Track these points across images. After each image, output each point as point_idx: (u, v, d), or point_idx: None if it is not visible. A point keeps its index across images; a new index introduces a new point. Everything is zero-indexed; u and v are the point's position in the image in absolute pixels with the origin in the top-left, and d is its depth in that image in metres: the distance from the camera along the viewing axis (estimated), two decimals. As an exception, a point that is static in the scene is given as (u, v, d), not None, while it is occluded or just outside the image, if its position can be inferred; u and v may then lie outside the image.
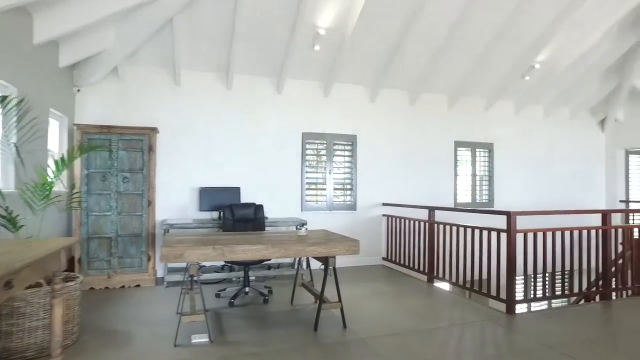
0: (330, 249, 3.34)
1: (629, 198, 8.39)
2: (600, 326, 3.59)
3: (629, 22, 6.08)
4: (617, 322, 3.68)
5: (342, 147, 6.18)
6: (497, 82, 6.66)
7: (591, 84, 7.32)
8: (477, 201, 7.14)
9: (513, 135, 7.42)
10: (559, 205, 7.45)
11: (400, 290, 4.64)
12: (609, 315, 3.88)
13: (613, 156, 8.34)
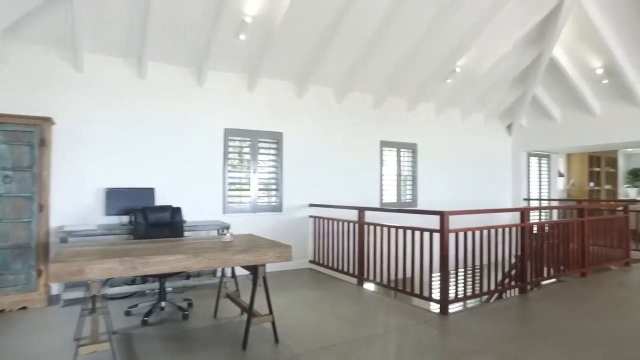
0: (260, 257, 3.02)
1: (530, 196, 9.19)
2: (526, 319, 3.71)
3: (533, 37, 6.56)
4: (539, 313, 3.83)
5: (268, 145, 5.85)
6: (421, 84, 6.81)
7: (501, 91, 7.83)
8: (402, 201, 7.26)
9: (434, 137, 7.68)
10: (475, 204, 7.84)
11: (331, 295, 4.45)
12: (530, 307, 4.05)
13: (518, 158, 9.05)
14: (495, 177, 8.78)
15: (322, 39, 5.23)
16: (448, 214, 3.84)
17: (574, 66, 7.20)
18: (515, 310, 4.01)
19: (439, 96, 7.36)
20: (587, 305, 4.05)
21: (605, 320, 3.56)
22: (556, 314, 3.76)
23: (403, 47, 5.77)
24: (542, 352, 2.86)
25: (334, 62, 5.73)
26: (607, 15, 6.03)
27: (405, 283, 4.24)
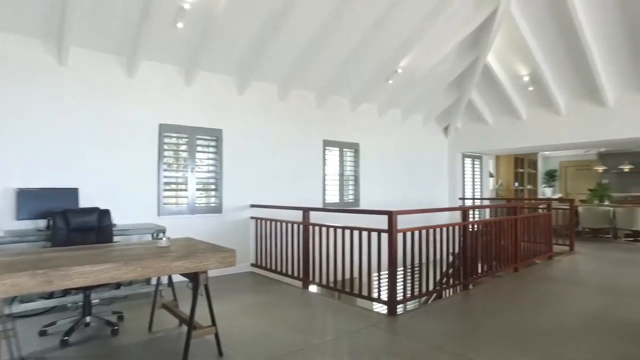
0: (201, 263, 2.76)
1: (465, 195, 9.62)
2: (470, 316, 3.77)
3: (469, 43, 6.83)
4: (481, 310, 3.92)
5: (206, 142, 5.52)
6: (364, 84, 6.83)
7: (439, 94, 8.09)
8: (345, 201, 7.23)
9: (377, 137, 7.76)
10: (415, 203, 8.04)
11: (276, 300, 4.25)
12: (473, 304, 4.14)
13: (453, 159, 9.44)
14: (433, 177, 9.08)
15: (265, 32, 5.01)
16: (396, 213, 3.81)
17: (505, 73, 7.62)
18: (459, 307, 4.08)
19: (382, 96, 7.43)
20: (523, 299, 4.23)
21: (540, 312, 3.72)
22: (497, 309, 3.88)
23: (347, 46, 5.72)
24: (491, 349, 2.89)
25: (277, 58, 5.54)
26: (533, 28, 6.43)
27: (353, 285, 4.17)
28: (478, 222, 5.01)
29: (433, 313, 3.82)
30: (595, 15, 5.87)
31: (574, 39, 6.18)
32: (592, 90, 7.02)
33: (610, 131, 7.15)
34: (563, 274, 5.58)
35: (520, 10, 6.22)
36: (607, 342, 3.03)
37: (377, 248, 3.94)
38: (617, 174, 12.24)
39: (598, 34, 6.10)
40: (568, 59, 6.71)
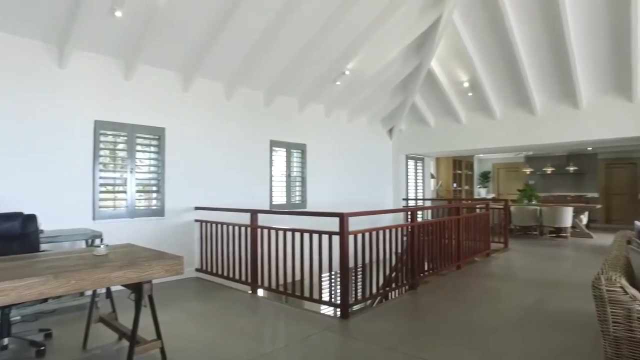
0: (145, 272, 2.53)
1: (408, 196, 9.91)
2: (420, 315, 3.83)
3: (414, 48, 7.03)
4: (430, 308, 4.01)
5: (148, 141, 5.19)
6: (312, 84, 6.79)
7: (385, 96, 8.26)
8: (292, 202, 7.14)
9: (324, 138, 7.75)
10: (362, 204, 8.13)
11: (224, 306, 4.07)
12: (421, 303, 4.23)
13: (397, 161, 9.69)
14: (378, 178, 9.25)
15: (212, 28, 4.80)
16: (348, 215, 3.79)
17: (446, 78, 7.95)
18: (409, 307, 4.15)
19: (329, 97, 7.44)
20: (466, 296, 4.39)
21: (482, 309, 3.87)
22: (443, 307, 3.99)
23: (296, 45, 5.64)
24: (442, 348, 2.94)
25: (224, 55, 5.33)
26: (473, 38, 6.77)
27: (304, 288, 4.09)
28: (425, 222, 5.14)
29: (384, 314, 3.84)
30: (528, 33, 6.32)
31: (509, 52, 6.61)
32: (523, 99, 7.53)
33: (537, 136, 7.70)
34: (500, 270, 5.90)
35: (462, 20, 6.51)
36: (544, 333, 3.21)
37: (329, 250, 3.90)
38: (541, 176, 13.27)
39: (530, 50, 6.58)
40: (504, 69, 7.14)
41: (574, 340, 3.06)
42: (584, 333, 3.20)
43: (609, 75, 6.59)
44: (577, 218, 9.27)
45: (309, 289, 4.02)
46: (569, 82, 6.81)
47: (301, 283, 4.14)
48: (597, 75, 6.64)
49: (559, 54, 6.40)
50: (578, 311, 3.76)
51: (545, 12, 5.92)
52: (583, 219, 9.55)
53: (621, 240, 2.95)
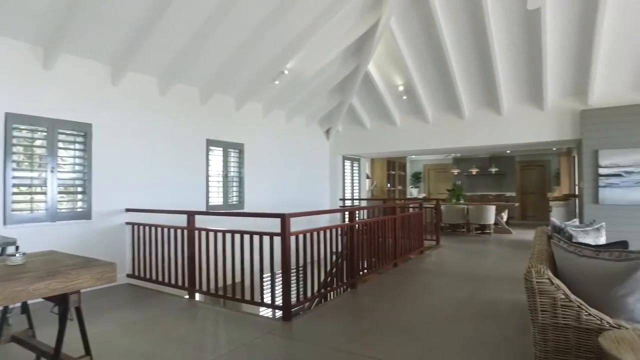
0: (72, 282, 2.30)
1: (345, 196, 10.09)
2: (362, 314, 3.89)
3: (353, 50, 7.18)
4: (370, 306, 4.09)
5: (72, 138, 4.77)
6: (250, 83, 6.66)
7: (323, 97, 8.34)
8: (229, 203, 6.95)
9: (261, 137, 7.64)
10: (300, 205, 8.14)
11: (160, 314, 3.85)
12: (362, 302, 4.30)
13: (334, 161, 9.83)
14: (316, 178, 9.32)
15: (146, 18, 4.52)
16: (289, 216, 3.76)
17: (383, 82, 8.20)
18: (350, 306, 4.21)
19: (267, 97, 7.36)
20: (404, 293, 4.56)
21: (419, 304, 4.04)
22: (383, 305, 4.10)
23: (234, 42, 5.50)
24: (384, 345, 3.02)
25: (158, 48, 5.05)
26: (409, 44, 7.05)
27: (244, 291, 3.99)
28: (364, 222, 5.25)
29: (326, 314, 3.87)
30: (457, 44, 6.71)
31: (441, 61, 6.99)
32: (453, 104, 7.99)
33: (465, 139, 8.22)
34: (434, 266, 6.20)
35: (399, 26, 6.75)
36: (477, 323, 3.42)
37: (270, 252, 3.84)
38: (467, 176, 14.19)
39: (459, 60, 7.00)
40: (436, 76, 7.52)
41: (504, 329, 3.29)
42: (512, 321, 3.45)
43: (525, 86, 7.19)
44: (499, 215, 10.03)
45: (250, 291, 3.92)
46: (493, 91, 7.34)
47: (241, 285, 4.04)
48: (516, 85, 7.23)
49: (484, 64, 6.88)
50: (505, 301, 4.06)
51: (473, 26, 6.32)
52: (504, 216, 10.36)
53: (541, 235, 3.21)
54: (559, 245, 2.23)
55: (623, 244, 2.35)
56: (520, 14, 5.97)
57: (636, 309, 1.80)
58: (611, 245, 2.42)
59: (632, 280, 1.78)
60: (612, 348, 1.51)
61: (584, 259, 1.99)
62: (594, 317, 1.76)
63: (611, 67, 6.35)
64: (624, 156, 6.38)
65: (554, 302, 1.83)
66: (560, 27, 6.01)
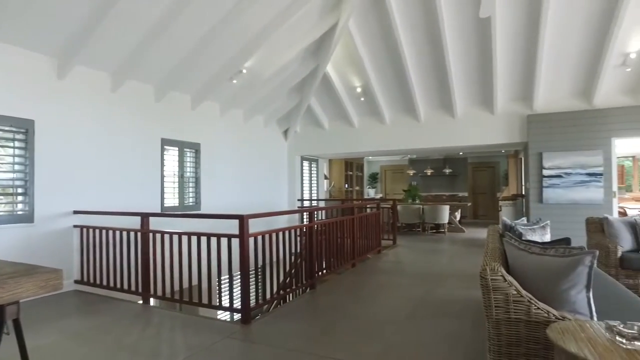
0: (11, 292, 2.12)
1: (303, 197, 10.09)
2: (321, 314, 3.90)
3: (312, 51, 7.20)
4: (330, 306, 4.11)
5: (10, 135, 4.44)
6: (207, 81, 6.51)
7: (281, 97, 8.30)
8: (185, 204, 6.76)
9: (219, 137, 7.50)
10: (258, 206, 8.07)
11: (112, 321, 3.66)
12: (321, 302, 4.31)
13: (293, 162, 9.80)
14: (274, 179, 9.26)
15: (97, 8, 4.30)
16: (248, 217, 3.70)
17: (341, 83, 8.28)
18: (310, 307, 4.21)
19: (224, 95, 7.23)
20: (363, 292, 4.62)
21: (378, 303, 4.11)
22: (343, 305, 4.14)
23: (191, 39, 5.36)
24: (345, 344, 3.04)
25: (109, 42, 4.82)
26: (367, 46, 7.16)
27: (202, 295, 3.89)
28: (322, 222, 5.27)
29: (286, 316, 3.84)
30: (414, 48, 6.91)
31: (399, 64, 7.18)
32: (409, 107, 8.21)
33: (421, 141, 8.47)
34: (391, 266, 6.33)
35: (358, 28, 6.85)
36: (434, 320, 3.53)
37: (228, 254, 3.77)
38: (422, 177, 14.62)
39: (416, 64, 7.20)
40: (393, 79, 7.69)
41: (460, 325, 3.41)
42: (467, 317, 3.58)
43: (477, 90, 7.52)
44: (452, 215, 10.41)
45: (208, 294, 3.83)
46: (447, 94, 7.61)
47: (199, 289, 3.93)
48: (468, 89, 7.54)
49: (439, 69, 7.13)
50: (459, 298, 4.21)
51: (429, 31, 6.53)
52: (457, 215, 10.76)
53: (493, 234, 3.36)
54: (510, 244, 2.34)
55: (566, 241, 2.51)
56: (473, 23, 6.24)
57: (577, 300, 1.92)
58: (556, 243, 2.57)
59: (575, 275, 1.90)
60: (558, 339, 1.60)
61: (534, 256, 2.10)
62: (542, 311, 1.86)
63: (553, 75, 6.78)
64: (565, 158, 6.82)
65: (506, 297, 1.91)
66: (508, 36, 6.33)
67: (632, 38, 6.00)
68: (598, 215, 5.00)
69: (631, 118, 6.70)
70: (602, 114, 6.80)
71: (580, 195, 6.72)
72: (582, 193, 6.71)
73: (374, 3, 6.36)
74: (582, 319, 1.87)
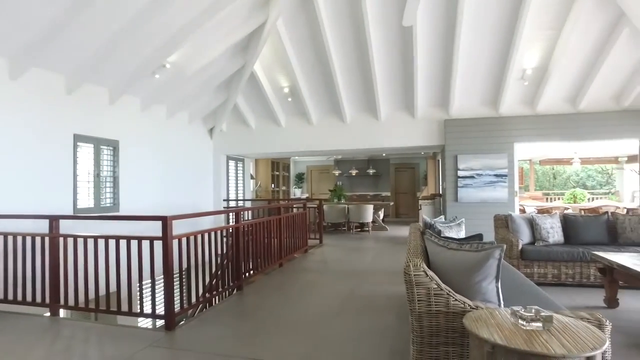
0: None
1: (229, 197, 9.87)
2: (249, 315, 3.84)
3: (240, 48, 7.07)
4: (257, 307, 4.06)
5: None
6: (127, 74, 6.11)
7: (207, 94, 8.05)
8: (101, 205, 6.28)
9: (139, 134, 7.07)
10: (182, 207, 7.74)
11: (14, 339, 3.28)
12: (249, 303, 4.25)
13: (218, 161, 9.55)
14: (199, 179, 8.96)
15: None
16: (171, 218, 3.54)
17: (269, 82, 8.24)
18: (238, 309, 4.13)
19: (146, 90, 6.84)
20: (290, 292, 4.65)
21: (305, 302, 4.17)
22: (271, 305, 4.13)
23: (109, 27, 4.99)
24: (275, 344, 3.04)
25: (7, 22, 4.31)
26: (295, 47, 7.22)
27: (121, 302, 3.64)
28: (249, 222, 5.21)
29: (213, 319, 3.73)
30: (341, 52, 7.11)
31: (326, 66, 7.34)
32: (335, 108, 8.40)
33: (346, 142, 8.72)
34: (318, 265, 6.43)
35: (286, 28, 6.86)
36: (360, 316, 3.66)
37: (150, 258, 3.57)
38: (347, 177, 15.05)
39: (342, 66, 7.40)
40: (320, 80, 7.83)
41: (385, 319, 3.57)
42: (391, 311, 3.77)
43: (400, 95, 7.92)
44: (376, 214, 10.84)
45: (128, 301, 3.59)
46: (372, 97, 7.92)
47: (117, 296, 3.67)
48: (392, 93, 7.91)
49: (365, 72, 7.39)
50: (383, 294, 4.41)
51: (355, 35, 6.74)
52: (380, 214, 11.23)
53: (415, 231, 3.57)
54: (430, 240, 2.51)
55: (479, 237, 2.75)
56: (397, 31, 6.57)
57: (488, 291, 2.12)
58: (470, 239, 2.81)
59: (486, 267, 2.10)
60: (472, 327, 1.75)
61: (451, 251, 2.27)
62: (459, 302, 2.02)
63: (467, 84, 7.37)
64: (476, 161, 7.46)
65: (428, 292, 2.05)
66: (428, 45, 6.76)
67: (528, 56, 6.73)
68: (504, 213, 5.53)
69: (528, 126, 7.51)
70: (506, 122, 7.54)
71: (489, 195, 7.38)
72: (490, 192, 7.38)
73: (303, 5, 6.43)
74: (492, 307, 2.06)
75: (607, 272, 3.89)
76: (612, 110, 7.31)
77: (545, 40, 6.49)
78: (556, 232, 5.03)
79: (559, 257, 4.63)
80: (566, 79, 7.07)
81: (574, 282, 4.64)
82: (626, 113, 7.25)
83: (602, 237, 4.99)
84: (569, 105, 7.44)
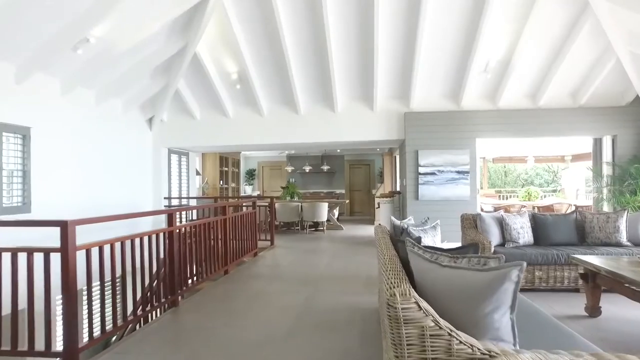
0: None
1: (171, 195, 8.90)
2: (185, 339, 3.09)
3: (180, 25, 6.18)
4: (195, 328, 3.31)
5: None
6: (39, 48, 5.07)
7: (143, 78, 7.07)
8: (6, 205, 5.19)
9: (59, 121, 6.00)
10: (114, 206, 6.74)
11: None
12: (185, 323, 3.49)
13: (158, 155, 8.55)
14: (136, 174, 7.93)
15: None
16: (74, 223, 2.71)
17: (215, 67, 7.37)
18: (169, 331, 3.36)
19: (67, 70, 5.78)
20: (234, 306, 3.93)
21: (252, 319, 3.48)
22: (210, 324, 3.40)
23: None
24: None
25: None
26: (245, 29, 6.42)
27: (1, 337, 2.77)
28: (187, 225, 4.42)
29: (134, 349, 2.95)
30: (296, 38, 6.43)
31: (279, 52, 6.61)
32: (289, 98, 7.71)
33: (300, 135, 8.06)
34: (268, 270, 5.73)
35: (235, 6, 6.05)
36: (317, 337, 3.03)
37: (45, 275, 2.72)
38: (301, 174, 14.39)
39: (297, 53, 6.72)
40: (272, 67, 7.10)
41: (345, 340, 2.96)
42: (354, 330, 3.17)
43: (358, 86, 7.37)
44: (331, 212, 10.27)
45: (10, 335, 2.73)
46: (328, 87, 7.30)
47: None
48: (350, 84, 7.34)
49: (321, 60, 6.76)
50: (342, 306, 3.80)
51: (312, 20, 6.08)
52: (335, 212, 10.68)
53: (383, 236, 2.98)
54: (414, 253, 1.90)
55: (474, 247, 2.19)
56: (356, 19, 6.01)
57: (502, 325, 1.55)
58: (463, 249, 2.24)
59: (500, 293, 1.52)
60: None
61: (447, 269, 1.67)
62: (465, 345, 1.42)
63: (428, 76, 6.95)
64: (438, 156, 7.06)
65: (422, 332, 1.43)
66: (389, 35, 6.28)
67: (491, 48, 6.39)
68: (466, 211, 5.13)
69: (490, 120, 7.23)
70: (468, 116, 7.21)
71: (451, 192, 7.01)
72: (452, 190, 7.01)
73: (252, -23, 5.68)
74: (506, 346, 1.49)
75: (590, 278, 3.52)
76: (570, 108, 7.20)
77: (509, 33, 6.18)
78: (526, 232, 4.67)
79: (532, 260, 4.25)
80: (528, 74, 6.85)
81: (547, 286, 4.28)
82: (582, 110, 7.16)
83: (571, 237, 4.69)
84: (529, 101, 7.25)
